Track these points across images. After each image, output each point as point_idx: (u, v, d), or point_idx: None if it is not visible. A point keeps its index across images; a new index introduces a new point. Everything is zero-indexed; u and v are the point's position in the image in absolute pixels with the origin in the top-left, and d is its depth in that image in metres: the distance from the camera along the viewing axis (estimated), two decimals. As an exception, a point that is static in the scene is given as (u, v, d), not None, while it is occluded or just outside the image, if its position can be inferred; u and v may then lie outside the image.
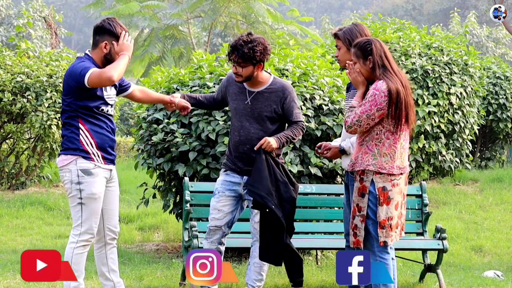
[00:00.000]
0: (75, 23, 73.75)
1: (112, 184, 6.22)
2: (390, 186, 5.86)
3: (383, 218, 5.86)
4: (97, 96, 6.00)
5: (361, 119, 5.82)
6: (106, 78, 5.86)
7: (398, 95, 5.81)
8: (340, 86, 8.94)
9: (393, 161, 5.87)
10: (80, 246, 6.05)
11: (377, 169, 5.84)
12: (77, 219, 6.05)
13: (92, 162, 6.02)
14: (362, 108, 5.82)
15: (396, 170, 5.87)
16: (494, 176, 14.69)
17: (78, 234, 6.04)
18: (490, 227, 11.13)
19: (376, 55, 5.91)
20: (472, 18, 35.40)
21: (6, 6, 36.32)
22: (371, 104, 5.79)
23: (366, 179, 5.87)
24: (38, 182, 14.03)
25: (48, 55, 14.00)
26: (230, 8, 25.01)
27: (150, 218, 11.49)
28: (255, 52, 6.34)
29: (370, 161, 5.87)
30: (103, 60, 6.11)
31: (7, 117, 13.09)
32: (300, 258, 6.51)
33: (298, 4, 76.57)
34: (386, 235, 5.88)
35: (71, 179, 6.03)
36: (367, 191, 5.87)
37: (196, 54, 9.71)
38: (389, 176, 5.86)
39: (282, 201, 6.37)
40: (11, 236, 10.34)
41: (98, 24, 6.17)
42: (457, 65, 13.71)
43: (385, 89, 5.79)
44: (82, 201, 6.01)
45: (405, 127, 5.92)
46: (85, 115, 6.01)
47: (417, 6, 61.41)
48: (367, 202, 5.88)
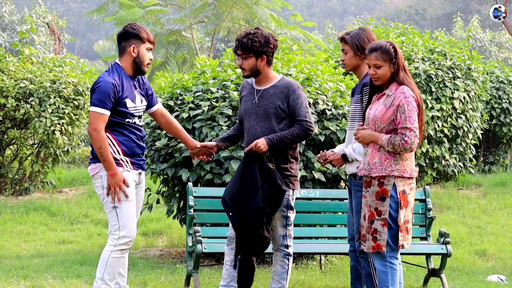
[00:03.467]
0: (78, 29, 73.81)
1: (139, 188, 6.29)
2: (409, 190, 5.90)
3: (402, 221, 5.87)
4: (122, 110, 6.06)
5: (416, 130, 5.83)
6: (90, 128, 6.01)
7: (420, 100, 5.88)
8: (343, 91, 8.94)
9: (412, 164, 5.92)
10: (118, 250, 6.07)
11: (401, 174, 5.85)
12: (114, 224, 6.08)
13: (121, 167, 6.07)
14: (410, 120, 5.81)
15: (415, 173, 5.94)
16: (497, 180, 14.68)
17: (117, 238, 6.06)
18: (494, 232, 11.12)
19: (400, 58, 5.95)
20: (475, 22, 35.34)
21: (10, 12, 36.37)
22: (413, 112, 5.82)
23: (387, 183, 5.85)
24: (42, 188, 14.04)
25: (51, 61, 14.01)
26: (233, 13, 25.01)
27: (154, 223, 11.49)
28: (253, 42, 6.29)
29: (393, 166, 5.85)
30: (133, 65, 6.16)
31: (10, 123, 13.10)
32: (253, 268, 6.42)
33: (301, 9, 76.59)
34: (403, 238, 5.92)
35: (103, 185, 6.08)
36: (389, 195, 5.85)
37: (199, 60, 9.72)
38: (408, 180, 5.88)
39: (249, 208, 6.23)
40: (15, 242, 10.35)
41: (121, 31, 6.21)
42: (460, 69, 13.71)
43: (413, 94, 5.84)
44: (115, 204, 6.04)
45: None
46: (112, 126, 6.07)
47: (420, 10, 61.37)
48: (388, 206, 5.87)
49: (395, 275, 5.94)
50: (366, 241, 5.95)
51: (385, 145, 5.83)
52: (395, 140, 5.78)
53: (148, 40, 6.20)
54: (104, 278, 6.06)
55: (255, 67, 6.38)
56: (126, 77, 6.14)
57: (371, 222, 5.91)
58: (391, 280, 5.92)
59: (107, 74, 6.10)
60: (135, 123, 6.17)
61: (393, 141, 5.78)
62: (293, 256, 8.68)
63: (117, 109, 6.05)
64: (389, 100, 5.87)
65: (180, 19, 25.01)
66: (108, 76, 6.06)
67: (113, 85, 6.00)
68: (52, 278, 7.97)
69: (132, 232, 6.10)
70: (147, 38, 6.19)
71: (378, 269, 5.96)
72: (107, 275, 6.06)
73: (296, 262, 8.73)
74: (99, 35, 64.92)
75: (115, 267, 6.09)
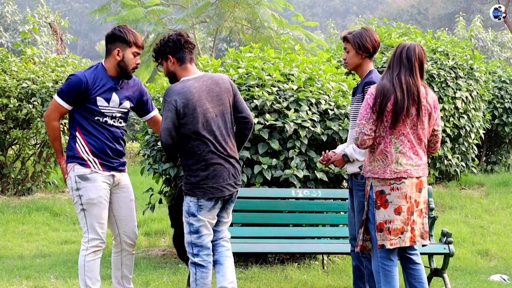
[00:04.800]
0: (81, 29, 73.88)
1: (118, 190, 6.22)
2: (389, 190, 5.91)
3: (379, 221, 5.93)
4: (91, 108, 6.03)
5: (361, 125, 5.94)
6: (44, 115, 6.13)
7: (383, 95, 5.87)
8: (345, 90, 8.94)
9: (385, 165, 5.90)
10: (91, 253, 6.05)
11: (371, 175, 5.96)
12: (83, 226, 6.08)
13: (88, 168, 6.05)
14: (359, 116, 5.94)
15: (389, 174, 5.90)
16: (500, 180, 14.68)
17: (87, 241, 6.06)
18: (496, 231, 11.11)
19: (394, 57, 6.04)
20: (477, 22, 35.37)
21: (12, 12, 36.44)
22: (364, 108, 5.94)
23: (368, 183, 6.01)
24: (44, 188, 14.05)
25: (53, 61, 14.02)
26: (235, 13, 25.00)
27: (156, 223, 11.49)
28: (155, 48, 6.09)
29: (367, 167, 6.01)
30: (117, 68, 6.11)
31: (13, 123, 13.11)
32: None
33: (303, 9, 76.63)
34: (384, 238, 5.93)
35: (71, 186, 6.09)
36: (368, 196, 6.01)
37: (201, 59, 9.72)
38: (388, 180, 5.90)
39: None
40: (18, 242, 10.35)
41: (109, 32, 6.18)
42: (463, 69, 13.70)
43: (372, 91, 5.92)
44: (83, 207, 6.04)
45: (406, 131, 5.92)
46: (81, 125, 6.06)
47: (422, 10, 61.37)
48: (368, 206, 6.02)
49: (388, 276, 5.96)
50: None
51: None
52: None
53: (135, 44, 6.10)
54: (87, 284, 6.06)
55: (167, 71, 6.11)
56: (106, 78, 6.09)
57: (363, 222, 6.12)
58: (383, 281, 5.96)
59: (84, 71, 6.10)
60: (106, 122, 6.08)
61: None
62: (296, 256, 8.71)
63: (86, 106, 6.02)
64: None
65: (182, 19, 25.01)
66: (83, 72, 6.05)
67: (83, 82, 5.98)
68: (55, 278, 7.98)
69: (101, 234, 6.05)
70: (134, 42, 6.09)
71: (373, 269, 6.07)
72: (88, 280, 6.05)
73: (298, 262, 8.73)
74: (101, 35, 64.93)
75: (94, 270, 6.07)
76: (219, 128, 5.98)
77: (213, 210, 6.01)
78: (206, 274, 5.99)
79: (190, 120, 5.87)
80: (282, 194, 7.97)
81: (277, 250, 7.93)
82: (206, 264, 5.99)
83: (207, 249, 6.01)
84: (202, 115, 5.89)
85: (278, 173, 8.23)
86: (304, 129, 8.33)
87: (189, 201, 5.99)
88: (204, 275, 5.98)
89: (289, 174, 8.22)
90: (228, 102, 6.04)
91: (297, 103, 8.48)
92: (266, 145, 8.27)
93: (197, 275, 5.97)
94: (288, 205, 8.06)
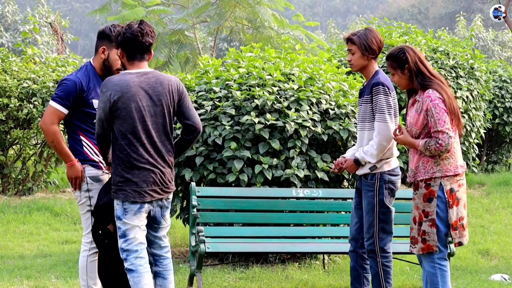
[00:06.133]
0: (81, 29, 73.86)
1: None
2: (457, 187, 5.94)
3: (454, 220, 5.91)
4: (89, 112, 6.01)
5: (448, 130, 5.86)
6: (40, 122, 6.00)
7: (449, 99, 5.90)
8: (346, 90, 8.94)
9: (455, 161, 5.93)
10: (93, 254, 6.05)
11: (444, 174, 5.90)
12: (87, 227, 6.06)
13: (100, 170, 6.04)
14: (440, 123, 5.85)
15: (460, 169, 5.97)
16: (500, 179, 14.67)
17: (90, 241, 6.04)
18: (497, 231, 11.11)
19: (411, 63, 5.97)
20: (478, 21, 35.33)
21: (12, 12, 36.42)
22: (442, 113, 5.84)
23: (433, 184, 5.92)
24: (45, 188, 14.04)
25: (54, 60, 14.01)
26: (236, 13, 24.98)
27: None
28: (115, 35, 5.81)
29: (434, 168, 5.94)
30: (102, 66, 6.10)
31: (13, 123, 13.09)
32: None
33: (304, 9, 76.59)
34: (460, 236, 5.97)
35: (82, 187, 6.04)
36: (435, 196, 5.92)
37: (202, 59, 9.72)
38: (455, 177, 5.91)
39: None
40: (18, 242, 10.35)
41: (100, 29, 6.16)
42: (463, 68, 13.70)
43: (438, 96, 5.87)
44: (91, 208, 6.01)
45: (455, 128, 5.96)
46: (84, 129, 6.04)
47: (423, 10, 61.35)
48: (435, 207, 5.92)
49: (445, 276, 5.99)
50: (416, 243, 6.02)
51: (423, 151, 5.93)
52: (430, 145, 5.87)
53: None
54: (88, 284, 6.06)
55: (120, 59, 5.90)
56: (96, 78, 6.09)
57: (419, 224, 5.99)
58: (441, 282, 5.97)
59: (75, 73, 6.06)
60: None
61: (428, 146, 5.88)
62: (297, 255, 8.71)
63: (83, 110, 6.00)
64: (419, 106, 5.96)
65: (182, 19, 25.00)
66: (75, 75, 6.02)
67: (77, 84, 5.95)
68: (55, 278, 7.98)
69: None
70: None
71: (428, 271, 6.01)
72: (90, 280, 6.06)
73: (299, 261, 8.73)
74: (102, 35, 64.85)
75: (95, 270, 6.08)
76: (156, 129, 5.72)
77: (139, 214, 5.70)
78: (139, 278, 5.62)
79: (123, 114, 5.61)
80: (282, 193, 7.97)
81: (278, 250, 7.93)
82: (136, 268, 5.64)
83: (134, 252, 5.66)
84: (137, 112, 5.63)
85: (279, 173, 8.23)
86: (305, 128, 8.33)
87: (116, 204, 5.73)
88: (136, 279, 5.62)
89: (290, 173, 8.21)
90: (169, 104, 5.76)
91: (298, 103, 8.48)
92: (266, 144, 8.27)
93: (130, 280, 5.64)
94: (289, 205, 8.05)
